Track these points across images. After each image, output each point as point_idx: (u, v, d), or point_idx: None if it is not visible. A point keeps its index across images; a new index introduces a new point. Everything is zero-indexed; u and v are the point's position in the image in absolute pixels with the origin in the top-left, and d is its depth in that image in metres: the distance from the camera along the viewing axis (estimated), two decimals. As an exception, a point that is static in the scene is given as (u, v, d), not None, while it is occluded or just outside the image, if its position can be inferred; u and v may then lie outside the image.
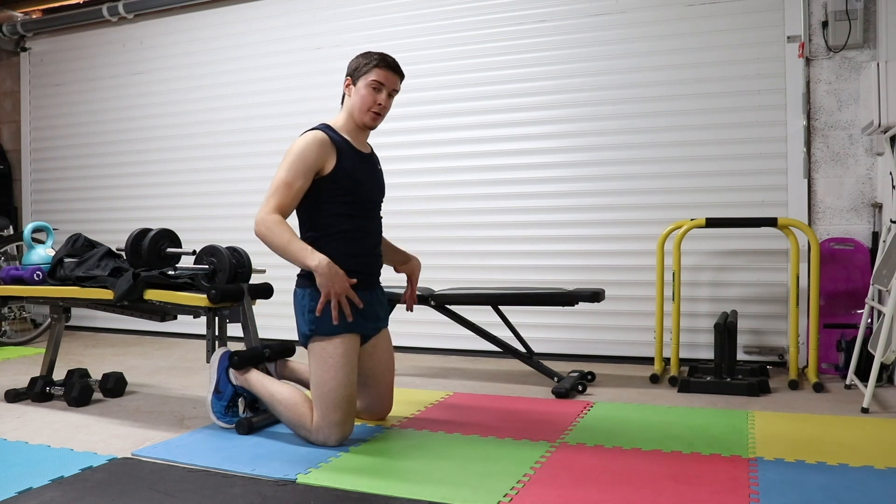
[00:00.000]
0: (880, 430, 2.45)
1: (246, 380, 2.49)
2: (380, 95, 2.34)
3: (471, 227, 4.18)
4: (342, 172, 2.32)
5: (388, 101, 2.37)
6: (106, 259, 2.88)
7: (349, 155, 2.36)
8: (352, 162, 2.36)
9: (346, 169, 2.33)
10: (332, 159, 2.31)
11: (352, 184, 2.34)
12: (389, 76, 2.35)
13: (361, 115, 2.37)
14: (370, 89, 2.34)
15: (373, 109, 2.35)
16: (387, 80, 2.34)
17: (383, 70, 2.34)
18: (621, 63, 3.89)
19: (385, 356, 2.54)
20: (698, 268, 3.75)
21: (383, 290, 2.55)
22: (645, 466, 2.08)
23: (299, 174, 2.26)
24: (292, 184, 2.25)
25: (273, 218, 2.23)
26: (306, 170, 2.27)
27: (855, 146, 3.54)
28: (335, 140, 2.34)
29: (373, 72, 2.33)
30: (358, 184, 2.36)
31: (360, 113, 2.36)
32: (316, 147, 2.28)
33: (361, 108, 2.36)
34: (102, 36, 5.28)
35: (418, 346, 4.19)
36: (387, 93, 2.36)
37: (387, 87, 2.35)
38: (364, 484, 1.94)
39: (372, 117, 2.37)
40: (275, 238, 2.23)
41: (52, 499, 1.85)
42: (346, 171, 2.33)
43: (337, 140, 2.35)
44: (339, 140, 2.36)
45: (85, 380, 3.04)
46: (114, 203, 5.22)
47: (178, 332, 4.66)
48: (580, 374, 3.28)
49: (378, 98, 2.34)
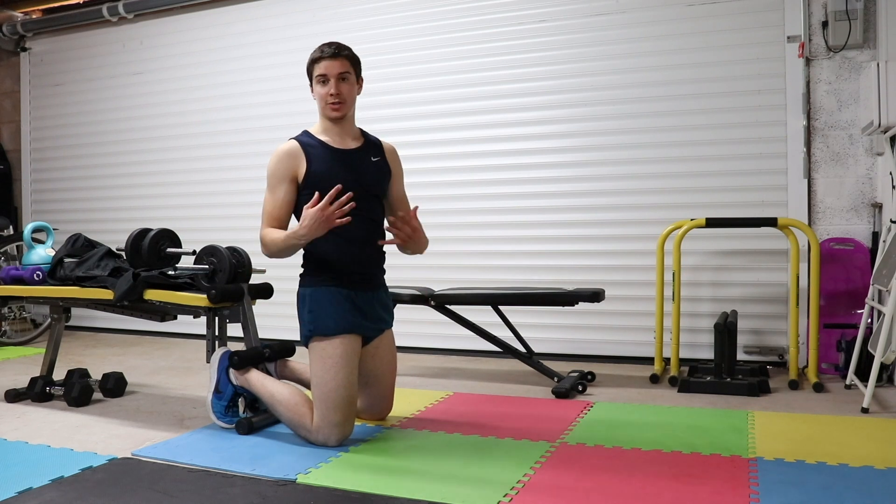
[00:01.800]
0: (880, 430, 2.45)
1: (246, 380, 2.49)
2: (328, 86, 2.38)
3: (471, 227, 4.18)
4: (312, 176, 2.36)
5: (341, 87, 2.37)
6: (106, 259, 2.88)
7: (322, 157, 2.38)
8: (324, 163, 2.37)
9: (317, 171, 2.36)
10: (303, 165, 2.36)
11: (325, 185, 2.27)
12: (328, 64, 2.37)
13: (324, 111, 2.42)
14: (318, 84, 2.40)
15: (328, 102, 2.38)
16: (328, 69, 2.37)
17: (320, 62, 2.38)
18: (621, 63, 3.89)
19: (387, 357, 2.54)
20: (698, 268, 3.75)
21: (387, 291, 2.55)
22: (645, 466, 2.08)
23: (276, 187, 2.37)
24: (274, 199, 2.37)
25: (264, 232, 2.35)
26: (279, 181, 2.37)
27: (855, 146, 3.54)
28: (307, 144, 2.39)
29: (314, 68, 2.40)
30: (332, 182, 2.27)
31: (323, 109, 2.42)
32: (283, 157, 2.37)
33: (321, 105, 2.41)
34: (102, 36, 5.28)
35: (418, 346, 4.19)
36: (335, 80, 2.37)
37: (331, 75, 2.37)
38: (364, 484, 1.94)
39: (332, 108, 2.39)
40: (274, 243, 2.32)
41: (52, 499, 1.85)
42: (317, 174, 2.36)
43: (310, 144, 2.40)
44: (314, 143, 2.40)
45: (85, 380, 3.04)
46: (114, 203, 5.22)
47: (178, 332, 4.66)
48: (580, 374, 3.28)
49: (328, 90, 2.37)
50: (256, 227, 2.41)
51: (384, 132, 2.76)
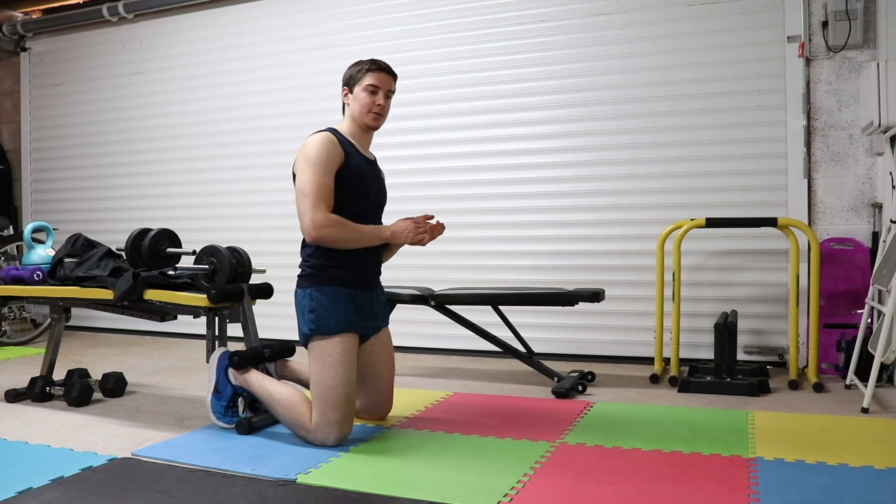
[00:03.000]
0: (880, 430, 2.45)
1: (245, 380, 2.49)
2: (377, 97, 2.43)
3: (471, 227, 4.18)
4: (351, 170, 2.38)
5: (386, 103, 2.46)
6: (106, 259, 2.88)
7: (355, 156, 2.43)
8: (358, 163, 2.43)
9: (354, 169, 2.40)
10: (342, 157, 2.38)
11: (359, 181, 2.40)
12: (383, 78, 2.44)
13: (363, 118, 2.44)
14: (367, 93, 2.42)
15: (373, 111, 2.43)
16: (381, 82, 2.43)
17: (376, 73, 2.43)
18: (621, 63, 3.89)
19: (385, 356, 2.55)
20: (698, 268, 3.75)
21: (383, 290, 2.58)
22: (645, 466, 2.08)
23: (329, 172, 2.34)
24: (328, 183, 2.34)
25: (332, 219, 2.32)
26: (331, 167, 2.35)
27: (855, 146, 3.54)
28: (342, 140, 2.42)
29: (367, 76, 2.42)
30: (365, 182, 2.43)
31: (362, 115, 2.44)
32: (331, 145, 2.36)
33: (362, 111, 2.43)
34: (102, 36, 5.28)
35: (418, 346, 4.19)
36: (383, 94, 2.45)
37: (382, 89, 2.44)
38: (364, 484, 1.94)
39: (373, 118, 2.44)
40: (349, 234, 2.35)
41: (52, 499, 1.85)
42: (354, 169, 2.40)
43: (343, 141, 2.42)
44: (345, 141, 2.43)
45: (85, 380, 3.04)
46: (114, 203, 5.22)
47: (178, 332, 4.66)
48: (580, 374, 3.28)
49: (376, 100, 2.43)
50: (257, 227, 2.41)
51: (384, 132, 2.76)
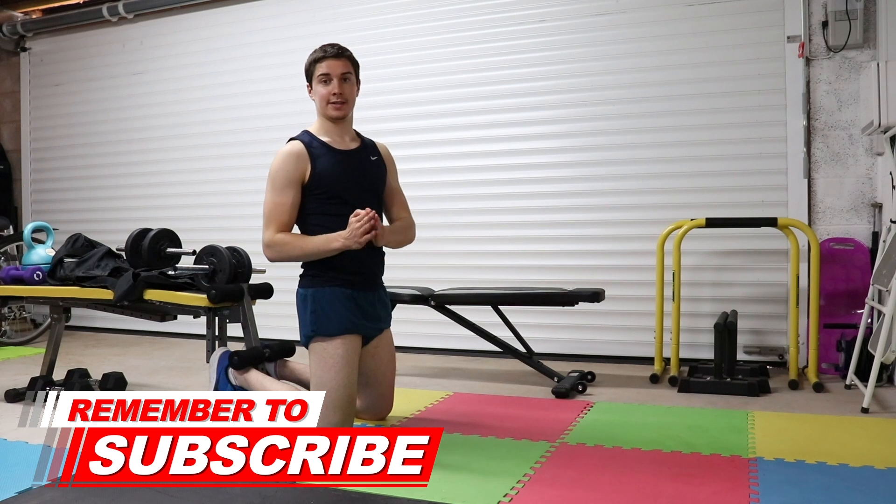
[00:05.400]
0: (880, 430, 2.45)
1: (245, 380, 2.49)
2: (331, 86, 2.38)
3: (471, 226, 4.17)
4: (319, 177, 2.35)
5: (343, 87, 2.39)
6: (106, 259, 2.88)
7: (325, 158, 2.38)
8: (328, 164, 2.37)
9: (323, 172, 2.36)
10: (308, 166, 2.35)
11: (330, 185, 2.35)
12: (332, 63, 2.38)
13: (325, 111, 2.41)
14: (321, 84, 2.39)
15: (331, 101, 2.38)
16: (331, 69, 2.37)
17: (324, 61, 2.38)
18: (621, 63, 3.89)
19: (387, 357, 2.54)
20: (698, 268, 3.75)
21: (386, 291, 2.55)
22: (645, 466, 2.08)
23: (284, 189, 2.33)
24: (283, 202, 2.33)
25: (278, 238, 2.32)
26: (289, 183, 2.33)
27: (855, 146, 3.54)
28: (310, 145, 2.38)
29: (316, 67, 2.39)
30: (337, 183, 2.36)
31: (324, 109, 2.41)
32: (290, 159, 2.34)
33: (322, 105, 2.40)
34: (102, 36, 5.27)
35: (418, 346, 4.19)
36: (338, 80, 2.38)
37: (334, 75, 2.37)
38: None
39: (334, 108, 2.39)
40: (291, 252, 2.32)
41: (52, 499, 1.85)
42: (323, 175, 2.36)
43: (313, 145, 2.38)
44: (316, 144, 2.39)
45: (85, 380, 3.04)
46: (114, 203, 5.22)
47: (178, 332, 4.66)
48: (580, 374, 3.28)
49: (331, 89, 2.38)
50: (256, 227, 2.40)
51: (384, 132, 2.76)
